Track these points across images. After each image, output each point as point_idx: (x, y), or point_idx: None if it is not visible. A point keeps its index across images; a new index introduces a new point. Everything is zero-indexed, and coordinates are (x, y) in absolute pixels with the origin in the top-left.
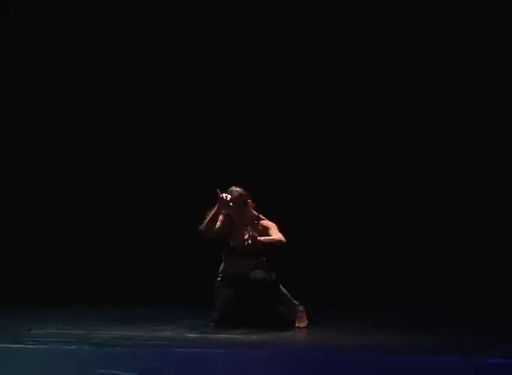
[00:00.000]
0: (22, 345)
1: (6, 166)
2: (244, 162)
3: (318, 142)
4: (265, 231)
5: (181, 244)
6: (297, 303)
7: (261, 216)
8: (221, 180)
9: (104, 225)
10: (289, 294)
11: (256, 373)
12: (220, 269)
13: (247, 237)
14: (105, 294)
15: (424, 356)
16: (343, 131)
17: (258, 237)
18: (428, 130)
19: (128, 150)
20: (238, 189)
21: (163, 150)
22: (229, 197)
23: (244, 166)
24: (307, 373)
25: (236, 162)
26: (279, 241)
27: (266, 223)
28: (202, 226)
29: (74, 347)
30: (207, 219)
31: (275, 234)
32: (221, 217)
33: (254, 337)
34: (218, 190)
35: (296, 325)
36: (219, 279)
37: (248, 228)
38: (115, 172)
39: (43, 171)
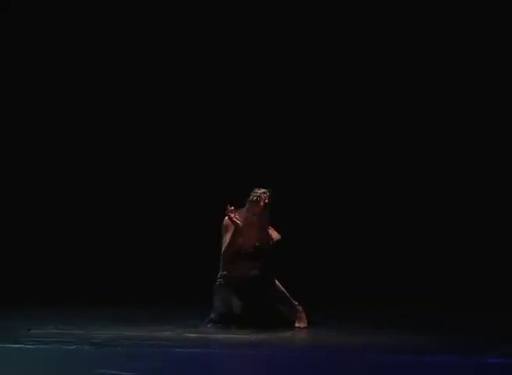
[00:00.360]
0: (22, 345)
1: (7, 166)
2: (244, 163)
3: (319, 143)
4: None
5: (181, 244)
6: (296, 303)
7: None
8: (219, 181)
9: (104, 225)
10: (287, 294)
11: (256, 373)
12: (219, 274)
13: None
14: (105, 295)
15: (424, 356)
16: (344, 131)
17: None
18: (427, 131)
19: (129, 151)
20: (262, 190)
21: (164, 152)
22: (236, 215)
23: (244, 166)
24: (307, 373)
25: (236, 162)
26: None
27: (271, 231)
28: (226, 251)
29: (74, 347)
30: (228, 243)
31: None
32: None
33: (254, 337)
34: (228, 215)
35: (296, 325)
36: (218, 283)
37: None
38: (117, 173)
39: (44, 172)
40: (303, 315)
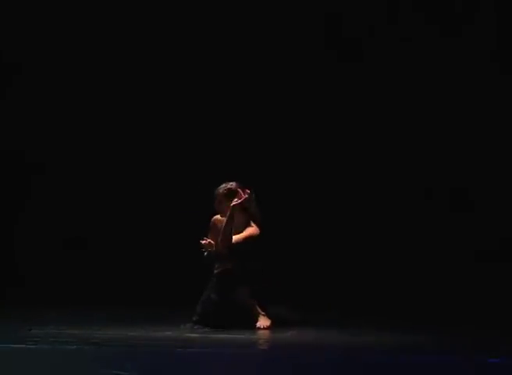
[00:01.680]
0: (23, 345)
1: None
2: (242, 168)
3: (320, 149)
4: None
5: (184, 245)
6: (263, 313)
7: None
8: (218, 182)
9: (106, 227)
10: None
11: (256, 373)
12: None
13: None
14: (107, 295)
15: (424, 356)
16: (340, 144)
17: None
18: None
19: (129, 152)
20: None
21: (161, 153)
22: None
23: (242, 171)
24: (307, 373)
25: (233, 168)
26: (251, 235)
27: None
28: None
29: (75, 347)
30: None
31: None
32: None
33: (253, 337)
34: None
35: (258, 325)
36: None
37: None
38: (118, 172)
39: (44, 175)
40: (265, 318)
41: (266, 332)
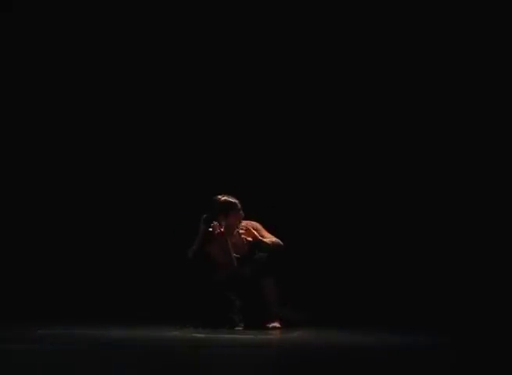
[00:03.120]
0: (29, 345)
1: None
2: (241, 176)
3: (325, 159)
4: (253, 233)
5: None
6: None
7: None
8: (218, 184)
9: (109, 230)
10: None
11: (256, 373)
12: None
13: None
14: (113, 296)
15: (424, 356)
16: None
17: (260, 238)
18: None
19: (123, 162)
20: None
21: (159, 158)
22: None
23: (241, 178)
24: (307, 373)
25: (231, 178)
26: (279, 245)
27: (250, 223)
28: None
29: (79, 347)
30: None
31: (271, 236)
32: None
33: (254, 337)
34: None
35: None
36: None
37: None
38: (116, 178)
39: (44, 181)
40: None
41: (274, 332)
